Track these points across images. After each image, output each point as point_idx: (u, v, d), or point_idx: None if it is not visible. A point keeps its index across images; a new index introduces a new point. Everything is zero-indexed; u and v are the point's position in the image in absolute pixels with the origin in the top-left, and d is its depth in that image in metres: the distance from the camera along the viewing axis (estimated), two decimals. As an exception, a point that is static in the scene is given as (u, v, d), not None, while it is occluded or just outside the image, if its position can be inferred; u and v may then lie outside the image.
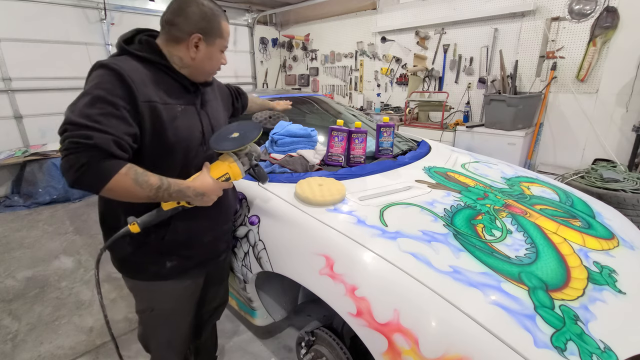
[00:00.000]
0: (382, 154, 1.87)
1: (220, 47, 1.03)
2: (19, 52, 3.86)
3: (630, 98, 3.10)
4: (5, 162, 3.66)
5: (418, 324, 0.86)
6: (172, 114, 0.96)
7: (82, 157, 0.79)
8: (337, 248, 1.09)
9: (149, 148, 0.93)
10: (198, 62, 1.00)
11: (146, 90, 0.91)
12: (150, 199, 0.89)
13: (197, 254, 1.12)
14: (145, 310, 1.14)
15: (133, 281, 1.09)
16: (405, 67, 4.80)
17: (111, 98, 0.84)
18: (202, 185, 0.96)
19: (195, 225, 1.07)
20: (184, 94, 1.02)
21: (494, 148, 3.46)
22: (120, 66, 0.88)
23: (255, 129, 1.07)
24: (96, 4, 4.30)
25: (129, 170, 0.84)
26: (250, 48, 6.32)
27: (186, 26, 0.96)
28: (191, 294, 1.18)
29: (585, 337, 0.81)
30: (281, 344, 1.79)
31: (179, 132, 0.97)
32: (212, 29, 0.98)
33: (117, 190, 0.84)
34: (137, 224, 0.92)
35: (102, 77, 0.86)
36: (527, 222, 1.26)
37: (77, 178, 0.80)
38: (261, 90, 5.29)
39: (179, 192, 0.92)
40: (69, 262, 2.59)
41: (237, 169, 1.05)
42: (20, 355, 1.74)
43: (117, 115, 0.84)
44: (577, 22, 3.26)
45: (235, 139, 1.04)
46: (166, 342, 1.21)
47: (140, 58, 0.95)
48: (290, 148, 1.74)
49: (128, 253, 1.03)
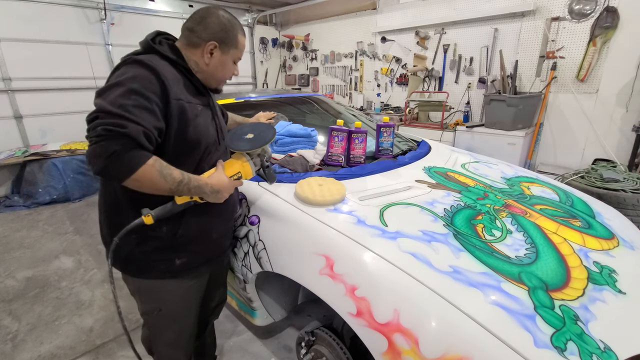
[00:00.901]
0: (382, 154, 1.87)
1: (234, 57, 1.10)
2: (19, 52, 3.86)
3: (630, 98, 3.10)
4: (5, 162, 3.66)
5: (418, 324, 0.86)
6: (195, 113, 1.01)
7: (113, 144, 0.80)
8: (337, 248, 1.09)
9: (172, 143, 0.96)
10: (211, 68, 1.06)
11: (176, 88, 0.96)
12: (172, 192, 0.93)
13: (205, 250, 1.15)
14: (153, 311, 1.13)
15: (139, 281, 1.09)
16: (405, 67, 4.80)
17: (146, 92, 0.88)
18: (219, 182, 1.01)
19: (206, 221, 1.11)
20: (200, 96, 1.08)
21: (494, 148, 3.46)
22: (155, 64, 0.93)
23: (270, 130, 1.12)
24: (96, 4, 4.30)
25: (156, 162, 0.87)
26: (250, 48, 6.32)
27: (205, 34, 1.02)
28: (197, 291, 1.19)
29: (585, 337, 0.81)
30: (281, 344, 1.79)
31: (199, 129, 1.02)
32: (229, 39, 1.05)
33: (142, 180, 0.86)
34: (151, 216, 0.93)
35: (138, 72, 0.90)
36: (527, 222, 1.26)
37: (106, 165, 0.81)
38: (261, 90, 5.31)
39: (198, 188, 0.96)
40: (69, 262, 2.59)
41: (249, 169, 1.08)
42: (20, 355, 1.74)
43: (149, 109, 0.88)
44: (577, 22, 3.26)
45: (251, 139, 1.08)
46: (173, 342, 1.21)
47: (166, 58, 1.00)
48: (290, 148, 1.74)
49: (135, 251, 1.03)
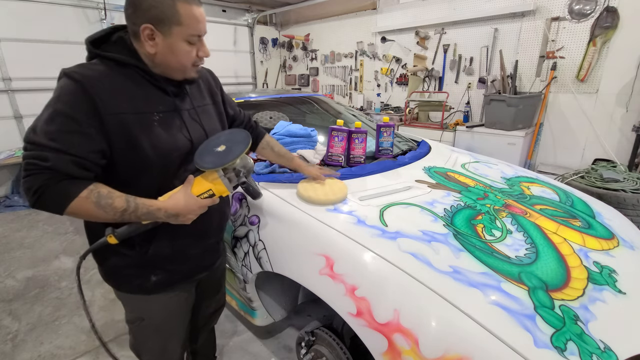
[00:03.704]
0: (382, 154, 1.87)
1: (184, 36, 0.85)
2: (19, 52, 3.85)
3: (630, 98, 3.10)
4: (5, 162, 3.66)
5: (418, 324, 0.86)
6: (148, 123, 0.86)
7: (38, 180, 0.74)
8: (337, 248, 1.09)
9: (122, 163, 0.85)
10: (160, 57, 0.87)
11: (114, 100, 0.82)
12: (117, 221, 0.83)
13: (183, 268, 1.06)
14: (135, 320, 1.08)
15: (119, 292, 1.04)
16: (405, 67, 4.79)
17: (72, 113, 0.77)
18: (176, 206, 0.86)
19: (181, 240, 1.00)
20: (162, 99, 0.91)
21: (494, 148, 3.45)
22: (84, 75, 0.79)
23: (242, 143, 0.94)
24: (96, 4, 4.30)
25: (91, 194, 0.78)
26: (250, 48, 6.32)
27: (137, 18, 0.83)
28: (183, 302, 1.12)
29: (585, 337, 0.81)
30: (281, 344, 1.79)
31: (159, 141, 0.87)
32: (165, 16, 0.82)
33: (80, 213, 0.79)
34: (113, 236, 0.86)
35: (63, 89, 0.79)
36: (527, 222, 1.26)
37: (36, 201, 0.76)
38: (261, 90, 5.30)
39: (148, 215, 0.84)
40: (69, 262, 2.59)
41: (222, 187, 0.93)
42: (20, 355, 1.74)
43: (78, 132, 0.77)
44: (577, 22, 3.25)
45: (220, 153, 0.92)
46: (159, 350, 1.15)
47: (111, 60, 0.86)
48: (290, 148, 1.73)
49: (112, 264, 0.98)
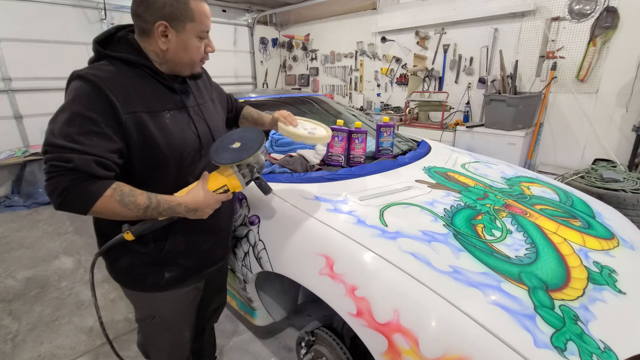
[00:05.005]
0: (382, 154, 1.86)
1: (196, 32, 0.90)
2: (19, 52, 3.85)
3: (630, 98, 3.10)
4: (5, 162, 3.66)
5: (418, 324, 0.86)
6: (161, 121, 0.89)
7: (63, 181, 0.76)
8: (337, 248, 1.09)
9: (139, 161, 0.88)
10: (172, 53, 0.90)
11: (129, 99, 0.84)
12: (140, 218, 0.86)
13: (196, 263, 1.09)
14: (146, 318, 1.10)
15: (130, 291, 1.06)
16: (405, 67, 4.79)
17: (90, 114, 0.79)
18: (195, 200, 0.89)
19: (195, 235, 1.05)
20: (170, 97, 0.94)
21: (494, 148, 3.46)
22: (97, 75, 0.81)
23: (258, 139, 0.98)
24: (96, 4, 4.30)
25: (114, 192, 0.80)
26: (250, 48, 6.32)
27: (150, 16, 0.85)
28: (192, 299, 1.16)
29: (585, 337, 0.81)
30: (281, 344, 1.79)
31: (171, 140, 0.90)
32: (179, 12, 0.85)
33: (104, 212, 0.81)
34: (130, 233, 0.88)
35: (78, 90, 0.81)
36: (527, 222, 1.26)
37: (61, 203, 0.77)
38: (261, 90, 5.30)
39: (169, 210, 0.87)
40: (69, 262, 2.59)
41: (236, 182, 0.97)
42: (20, 355, 1.74)
43: (97, 132, 0.79)
44: (577, 22, 3.25)
45: (236, 150, 0.95)
46: (169, 348, 1.19)
47: (120, 60, 0.88)
48: (290, 148, 1.74)
49: (124, 264, 0.99)
